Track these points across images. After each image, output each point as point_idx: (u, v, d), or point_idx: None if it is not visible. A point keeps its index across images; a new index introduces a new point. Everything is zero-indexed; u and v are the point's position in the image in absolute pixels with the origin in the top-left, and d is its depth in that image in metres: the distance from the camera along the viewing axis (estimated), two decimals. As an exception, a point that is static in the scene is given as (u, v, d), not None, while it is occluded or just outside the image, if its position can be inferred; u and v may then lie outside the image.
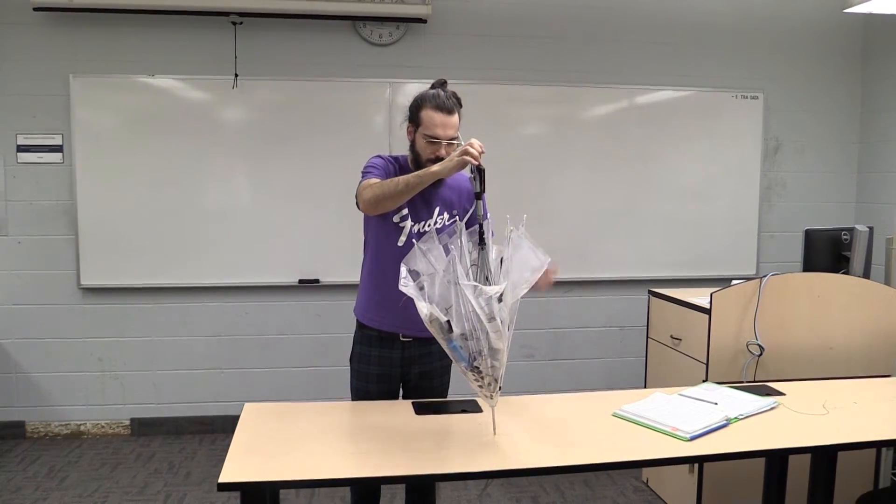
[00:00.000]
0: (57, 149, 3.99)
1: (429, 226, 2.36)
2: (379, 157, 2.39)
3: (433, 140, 2.25)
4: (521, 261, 1.90)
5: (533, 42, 4.30)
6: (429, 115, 2.25)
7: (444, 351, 2.51)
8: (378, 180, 2.24)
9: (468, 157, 2.06)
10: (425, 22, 4.12)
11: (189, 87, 4.02)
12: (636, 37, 4.38)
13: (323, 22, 4.06)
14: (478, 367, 1.88)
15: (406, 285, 1.85)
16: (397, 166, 2.37)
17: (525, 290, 1.89)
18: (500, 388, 1.94)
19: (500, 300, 1.84)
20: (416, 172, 2.17)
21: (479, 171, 2.07)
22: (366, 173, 2.33)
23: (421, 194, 2.27)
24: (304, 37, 4.10)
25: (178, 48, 4.01)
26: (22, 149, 3.98)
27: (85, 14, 3.90)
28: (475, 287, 1.82)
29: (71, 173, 3.98)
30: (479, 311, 1.82)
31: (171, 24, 3.98)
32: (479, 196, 2.07)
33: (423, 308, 1.84)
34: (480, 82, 4.17)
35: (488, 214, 2.16)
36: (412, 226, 2.34)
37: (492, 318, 1.83)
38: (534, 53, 4.30)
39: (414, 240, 2.29)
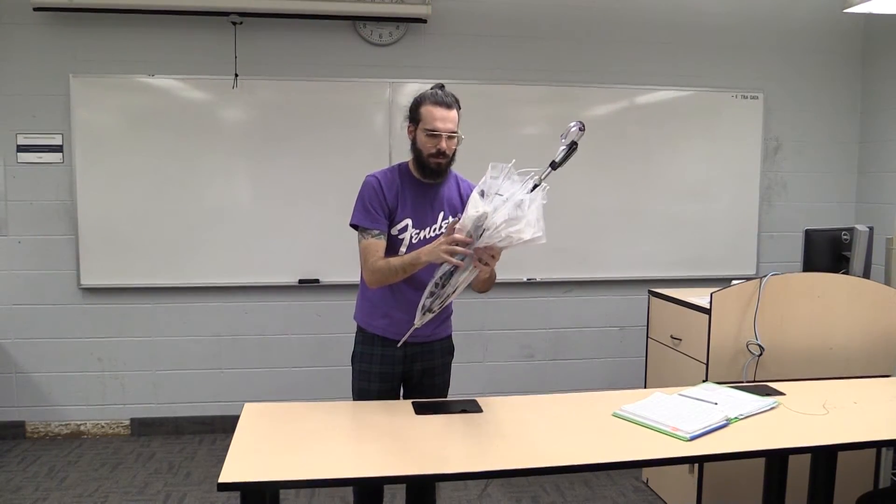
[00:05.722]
0: (57, 149, 3.99)
1: (434, 231, 2.37)
2: (373, 182, 2.36)
3: (433, 133, 2.27)
4: (533, 216, 2.04)
5: (533, 42, 4.30)
6: (428, 111, 2.29)
7: (445, 348, 2.54)
8: (376, 249, 2.29)
9: (457, 248, 2.06)
10: (425, 22, 4.12)
11: (189, 87, 4.02)
12: (636, 37, 4.38)
13: (323, 22, 4.06)
14: (448, 278, 2.11)
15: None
16: (396, 178, 2.37)
17: (506, 243, 2.03)
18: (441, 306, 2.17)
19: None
20: (409, 259, 2.22)
21: (571, 149, 2.16)
22: (364, 231, 2.32)
23: (426, 199, 2.35)
24: (304, 37, 4.10)
25: (178, 48, 4.01)
26: (22, 149, 3.98)
27: (85, 14, 3.90)
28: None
29: (71, 173, 3.98)
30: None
31: (171, 24, 3.98)
32: (554, 166, 2.17)
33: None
34: (480, 82, 4.17)
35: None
36: (416, 233, 2.36)
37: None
38: (534, 53, 4.30)
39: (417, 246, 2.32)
